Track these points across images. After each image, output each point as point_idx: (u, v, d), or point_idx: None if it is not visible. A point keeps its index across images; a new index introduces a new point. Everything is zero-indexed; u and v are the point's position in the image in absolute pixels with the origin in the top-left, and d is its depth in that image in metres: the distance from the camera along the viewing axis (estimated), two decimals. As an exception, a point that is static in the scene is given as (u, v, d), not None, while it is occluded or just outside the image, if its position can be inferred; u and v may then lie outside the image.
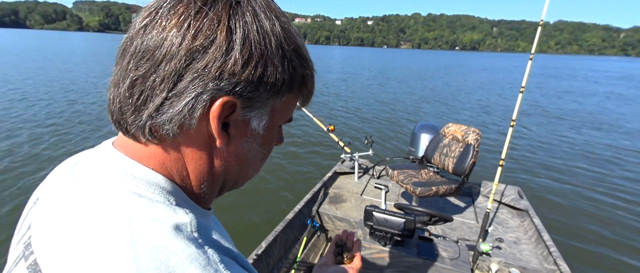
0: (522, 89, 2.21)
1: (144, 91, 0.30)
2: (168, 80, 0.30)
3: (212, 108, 0.31)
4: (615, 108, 11.83)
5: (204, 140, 0.35)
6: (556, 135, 7.49)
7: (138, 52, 0.30)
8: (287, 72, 0.34)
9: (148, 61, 0.30)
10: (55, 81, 11.44)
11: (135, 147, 0.35)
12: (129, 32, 0.32)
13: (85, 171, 0.34)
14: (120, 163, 0.34)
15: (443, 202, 2.91)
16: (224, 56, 0.30)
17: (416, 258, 1.41)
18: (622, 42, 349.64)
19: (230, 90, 0.31)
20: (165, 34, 0.30)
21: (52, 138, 5.53)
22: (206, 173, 0.37)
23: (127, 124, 0.33)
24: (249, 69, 0.31)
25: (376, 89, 14.61)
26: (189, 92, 0.30)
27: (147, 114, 0.31)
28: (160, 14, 0.30)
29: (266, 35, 0.32)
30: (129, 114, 0.32)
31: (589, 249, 3.21)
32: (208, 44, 0.29)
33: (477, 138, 2.48)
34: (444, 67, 34.05)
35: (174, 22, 0.30)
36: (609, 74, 32.10)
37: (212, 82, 0.30)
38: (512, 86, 17.85)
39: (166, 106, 0.30)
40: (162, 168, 0.34)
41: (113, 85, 0.33)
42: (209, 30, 0.30)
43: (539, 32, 2.10)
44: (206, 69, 0.30)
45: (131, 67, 0.31)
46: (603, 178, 5.01)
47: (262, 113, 0.36)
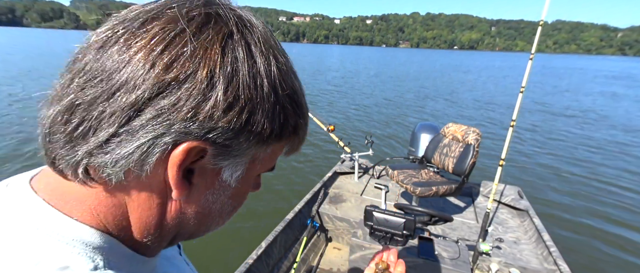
0: (522, 89, 2.20)
1: (86, 120, 0.24)
2: (122, 113, 0.23)
3: (173, 152, 0.25)
4: (616, 106, 11.88)
5: (157, 187, 0.28)
6: (556, 135, 7.51)
7: (88, 70, 0.24)
8: (278, 121, 0.29)
9: (99, 84, 0.23)
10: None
11: (60, 186, 0.27)
12: (84, 42, 0.26)
13: None
14: (36, 211, 0.26)
15: (443, 202, 2.91)
16: (202, 95, 0.24)
17: (416, 258, 1.41)
18: (619, 42, 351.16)
19: (201, 135, 0.25)
20: (129, 56, 0.23)
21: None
22: (153, 226, 0.30)
23: (55, 156, 0.26)
24: (231, 115, 0.25)
25: (376, 89, 14.60)
26: (146, 132, 0.24)
27: (86, 150, 0.24)
28: (127, 29, 0.24)
29: (259, 76, 0.27)
30: (59, 145, 0.25)
31: (589, 249, 3.21)
32: (184, 78, 0.24)
33: (477, 138, 2.48)
34: (443, 67, 34.10)
35: (144, 43, 0.24)
36: (607, 74, 32.22)
37: (180, 124, 0.24)
38: (512, 86, 17.89)
39: (112, 145, 0.24)
40: (92, 216, 0.27)
41: (50, 102, 0.26)
42: (189, 62, 0.24)
43: (539, 32, 2.09)
44: (175, 107, 0.24)
45: (75, 87, 0.24)
46: (603, 178, 5.02)
47: (237, 163, 0.29)
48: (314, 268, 2.35)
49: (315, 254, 2.51)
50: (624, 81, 24.46)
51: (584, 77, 27.22)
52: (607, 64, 65.87)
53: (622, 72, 36.13)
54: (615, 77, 27.57)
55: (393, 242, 1.52)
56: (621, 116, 10.17)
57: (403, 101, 11.67)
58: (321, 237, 2.66)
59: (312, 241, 2.54)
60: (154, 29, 0.24)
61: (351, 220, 2.57)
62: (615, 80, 24.79)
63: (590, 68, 43.22)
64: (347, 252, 2.50)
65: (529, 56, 2.19)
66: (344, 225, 2.60)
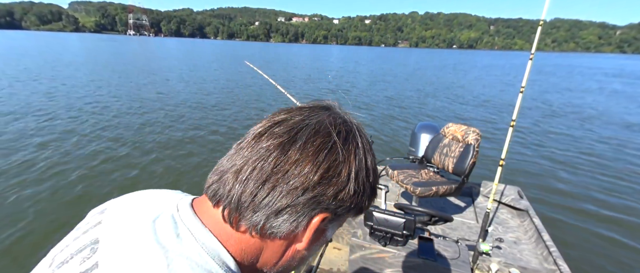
0: (522, 89, 2.20)
1: (269, 196, 0.36)
2: (293, 194, 0.36)
3: (314, 219, 0.38)
4: (614, 104, 11.89)
5: (290, 239, 0.40)
6: (556, 134, 7.51)
7: (274, 170, 0.36)
8: (368, 200, 0.42)
9: (281, 174, 0.36)
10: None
11: (223, 228, 0.39)
12: (262, 135, 0.38)
13: (168, 237, 0.36)
14: (210, 244, 0.37)
15: (443, 202, 2.91)
16: (342, 186, 0.37)
17: (416, 258, 1.41)
18: (618, 40, 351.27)
19: (333, 209, 0.38)
20: (302, 166, 0.36)
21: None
22: (272, 264, 0.42)
23: (240, 215, 0.37)
24: (354, 198, 0.39)
25: (375, 89, 14.59)
26: (306, 206, 0.37)
27: (265, 215, 0.36)
28: (298, 139, 0.37)
29: (368, 170, 0.40)
30: (247, 209, 0.37)
31: (590, 249, 3.21)
32: (334, 175, 0.37)
33: (477, 138, 2.47)
34: (443, 66, 34.09)
35: (312, 151, 0.36)
36: (607, 71, 32.23)
37: (325, 203, 0.37)
38: (512, 85, 17.90)
39: (284, 214, 0.36)
40: (240, 253, 0.39)
41: (234, 172, 0.37)
42: (339, 166, 0.37)
43: (539, 32, 2.09)
44: (325, 193, 0.37)
45: (263, 177, 0.36)
46: (603, 178, 5.02)
47: (335, 226, 0.43)
48: (313, 268, 2.35)
49: (315, 254, 2.51)
50: (624, 78, 24.46)
51: (584, 75, 27.22)
52: (607, 62, 65.84)
53: (623, 69, 36.14)
54: (615, 75, 27.58)
55: (393, 242, 1.52)
56: (620, 112, 10.19)
57: (403, 100, 11.67)
58: None
59: None
60: (317, 142, 0.37)
61: (351, 220, 2.57)
62: (615, 78, 24.79)
63: (590, 66, 43.22)
64: (347, 252, 2.50)
65: (528, 55, 2.18)
66: (344, 225, 2.60)
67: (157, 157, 5.07)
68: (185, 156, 5.20)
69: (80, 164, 4.57)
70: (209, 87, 12.42)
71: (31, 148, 5.04)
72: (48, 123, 6.47)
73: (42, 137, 5.59)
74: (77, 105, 8.13)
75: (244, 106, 9.46)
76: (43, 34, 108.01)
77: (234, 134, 6.56)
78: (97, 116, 7.18)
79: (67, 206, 3.56)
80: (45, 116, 6.89)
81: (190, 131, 6.56)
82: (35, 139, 5.47)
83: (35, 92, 9.46)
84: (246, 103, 9.92)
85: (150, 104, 8.78)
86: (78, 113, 7.34)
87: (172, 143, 5.73)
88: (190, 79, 14.55)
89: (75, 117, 7.02)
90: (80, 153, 5.00)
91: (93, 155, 4.94)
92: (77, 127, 6.31)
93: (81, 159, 4.77)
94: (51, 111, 7.39)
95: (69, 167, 4.47)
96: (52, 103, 8.16)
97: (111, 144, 5.45)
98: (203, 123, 7.26)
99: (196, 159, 5.09)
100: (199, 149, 5.54)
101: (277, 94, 10.97)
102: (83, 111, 7.61)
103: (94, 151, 5.12)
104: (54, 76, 13.16)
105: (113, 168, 4.57)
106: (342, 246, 2.64)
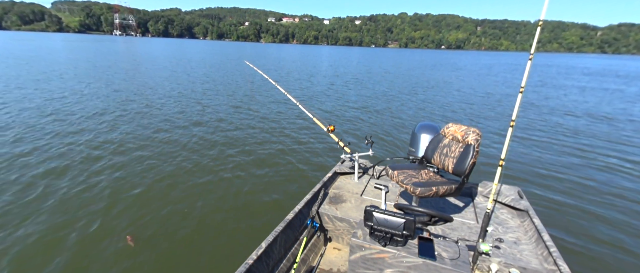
0: (521, 89, 2.21)
1: None
2: None
3: None
4: (611, 103, 12.21)
5: None
6: (556, 134, 7.61)
7: None
8: None
9: None
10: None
11: None
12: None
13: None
14: None
15: (443, 202, 2.91)
16: None
17: (416, 258, 1.41)
18: (599, 40, 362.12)
19: None
20: None
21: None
22: None
23: None
24: None
25: (375, 90, 14.65)
26: None
27: None
28: None
29: None
30: None
31: (590, 249, 3.24)
32: None
33: (477, 138, 2.48)
34: (436, 66, 34.46)
35: None
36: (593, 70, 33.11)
37: None
38: (512, 84, 18.17)
39: None
40: None
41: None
42: None
43: (539, 32, 2.10)
44: None
45: None
46: (603, 177, 5.08)
47: None
48: (314, 269, 2.33)
49: (315, 254, 2.49)
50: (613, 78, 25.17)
51: (578, 74, 27.85)
52: (593, 61, 67.67)
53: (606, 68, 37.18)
54: (603, 75, 28.28)
55: (393, 242, 1.51)
56: (620, 111, 10.44)
57: (402, 101, 11.74)
58: (321, 237, 2.65)
59: (312, 241, 2.53)
60: None
61: (351, 220, 2.55)
62: (603, 77, 25.49)
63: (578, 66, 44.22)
64: (347, 252, 2.48)
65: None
66: (344, 225, 2.59)
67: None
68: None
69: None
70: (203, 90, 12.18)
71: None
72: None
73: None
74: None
75: (240, 104, 9.34)
76: (22, 34, 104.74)
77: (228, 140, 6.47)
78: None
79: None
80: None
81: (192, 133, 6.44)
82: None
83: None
84: (247, 103, 9.83)
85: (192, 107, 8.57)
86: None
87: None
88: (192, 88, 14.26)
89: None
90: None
91: (93, 158, 4.80)
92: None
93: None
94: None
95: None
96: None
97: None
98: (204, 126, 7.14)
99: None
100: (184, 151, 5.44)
101: (277, 94, 10.92)
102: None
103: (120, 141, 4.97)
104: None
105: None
106: (342, 246, 2.62)
